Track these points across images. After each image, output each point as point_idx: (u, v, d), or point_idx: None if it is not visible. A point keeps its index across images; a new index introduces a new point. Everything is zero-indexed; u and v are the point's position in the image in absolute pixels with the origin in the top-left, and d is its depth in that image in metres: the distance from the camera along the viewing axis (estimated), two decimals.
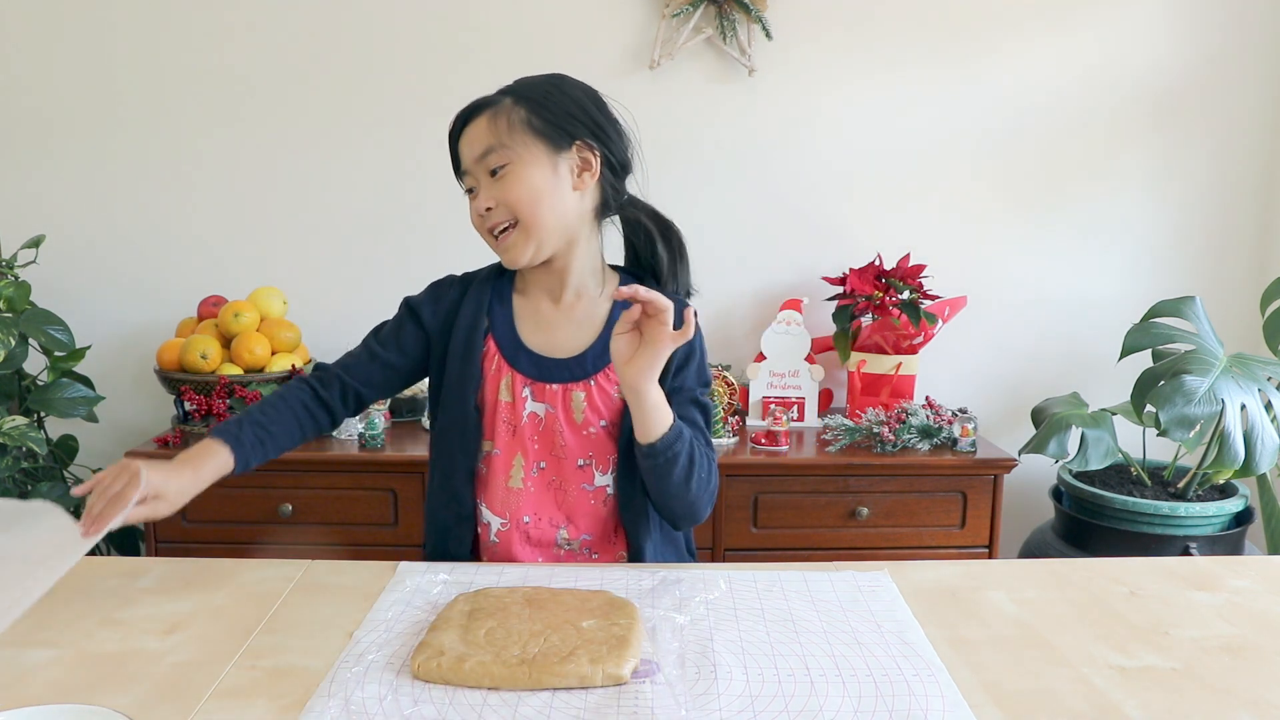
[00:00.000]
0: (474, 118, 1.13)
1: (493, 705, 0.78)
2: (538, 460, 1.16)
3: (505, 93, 1.14)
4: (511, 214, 1.12)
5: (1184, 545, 1.90)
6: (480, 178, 1.13)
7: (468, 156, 1.14)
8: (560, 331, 1.18)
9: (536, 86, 1.14)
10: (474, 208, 1.15)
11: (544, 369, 1.16)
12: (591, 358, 1.16)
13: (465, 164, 1.15)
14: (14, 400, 1.96)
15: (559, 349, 1.17)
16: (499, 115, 1.12)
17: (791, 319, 2.18)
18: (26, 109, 2.18)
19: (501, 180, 1.12)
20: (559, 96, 1.13)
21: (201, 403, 1.99)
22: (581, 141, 1.13)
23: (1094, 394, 2.22)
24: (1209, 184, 2.33)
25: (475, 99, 1.15)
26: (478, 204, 1.14)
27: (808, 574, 1.06)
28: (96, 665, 0.85)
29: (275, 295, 2.15)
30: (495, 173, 1.12)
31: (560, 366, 1.15)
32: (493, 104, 1.13)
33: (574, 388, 1.15)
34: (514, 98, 1.13)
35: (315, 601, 0.99)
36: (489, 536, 1.18)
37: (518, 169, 1.11)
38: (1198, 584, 1.06)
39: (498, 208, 1.12)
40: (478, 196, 1.14)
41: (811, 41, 2.23)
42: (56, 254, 2.12)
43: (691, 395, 1.18)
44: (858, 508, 1.96)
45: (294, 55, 2.19)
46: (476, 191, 1.14)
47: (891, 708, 0.78)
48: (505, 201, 1.12)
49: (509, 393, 1.15)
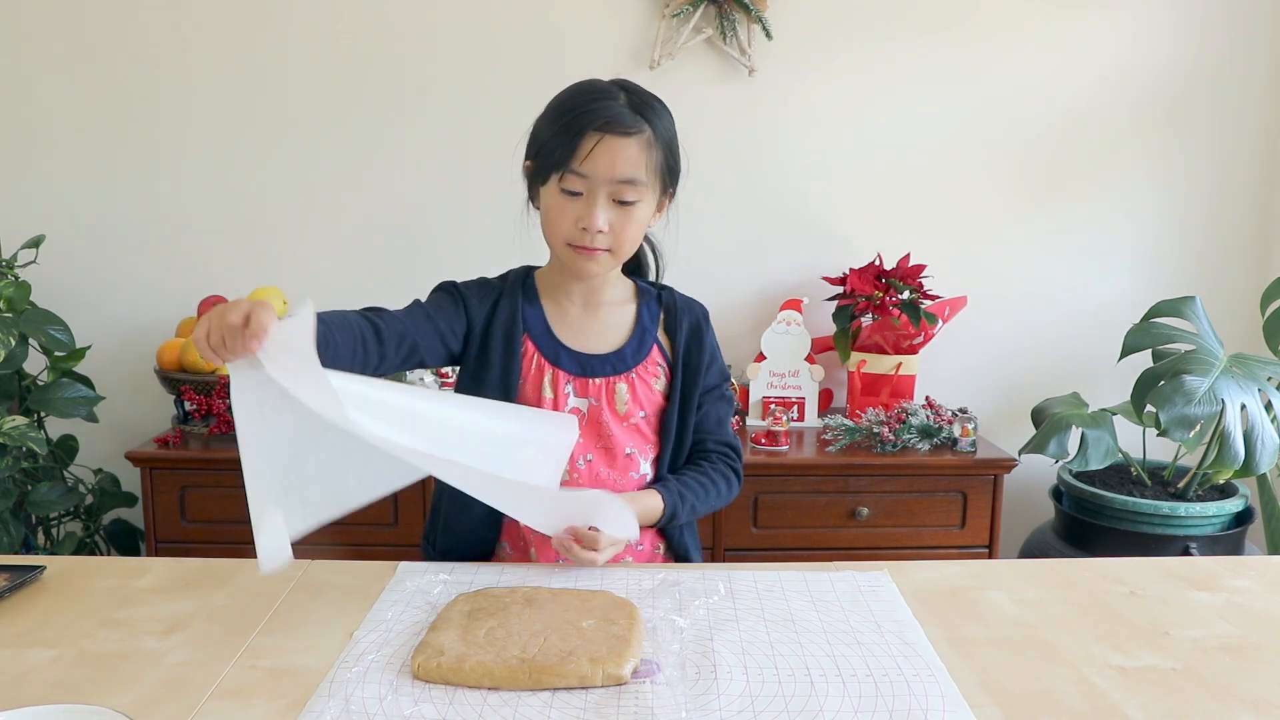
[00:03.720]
0: (628, 134, 1.09)
1: (493, 705, 0.78)
2: (584, 453, 1.19)
3: (645, 119, 1.11)
4: (616, 243, 1.13)
5: (1184, 545, 1.90)
6: (602, 195, 1.10)
7: (603, 170, 1.09)
8: (593, 332, 1.22)
9: (668, 126, 1.14)
10: (579, 216, 1.11)
11: (586, 365, 1.20)
12: (630, 352, 1.21)
13: (592, 173, 1.09)
14: (14, 400, 1.96)
15: (595, 347, 1.21)
16: (648, 150, 1.11)
17: (791, 319, 2.18)
18: (27, 109, 2.18)
19: (627, 213, 1.12)
20: (675, 143, 1.16)
21: (201, 403, 1.99)
22: (672, 188, 1.19)
23: (1094, 394, 2.22)
24: (1209, 184, 2.33)
25: (624, 106, 1.11)
26: (591, 219, 1.10)
27: (808, 574, 1.06)
28: (96, 665, 0.85)
29: (275, 295, 2.15)
30: (623, 202, 1.11)
31: (603, 362, 1.20)
32: (642, 131, 1.10)
33: (617, 380, 1.20)
34: (654, 133, 1.12)
35: (315, 601, 0.99)
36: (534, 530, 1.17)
37: (642, 208, 1.13)
38: (1198, 584, 1.06)
39: (609, 233, 1.12)
40: (592, 211, 1.10)
41: (811, 41, 2.23)
42: (56, 254, 2.12)
43: (720, 393, 1.28)
44: (858, 508, 1.96)
45: (295, 55, 2.19)
46: (589, 202, 1.11)
47: (891, 708, 0.78)
48: (622, 233, 1.12)
49: (551, 389, 1.18)
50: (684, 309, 1.26)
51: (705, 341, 1.26)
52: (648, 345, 1.22)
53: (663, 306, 1.26)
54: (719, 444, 1.27)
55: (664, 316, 1.25)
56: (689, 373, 1.23)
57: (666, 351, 1.24)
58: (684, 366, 1.23)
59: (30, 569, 1.03)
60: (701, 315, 1.28)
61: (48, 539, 2.05)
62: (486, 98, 2.19)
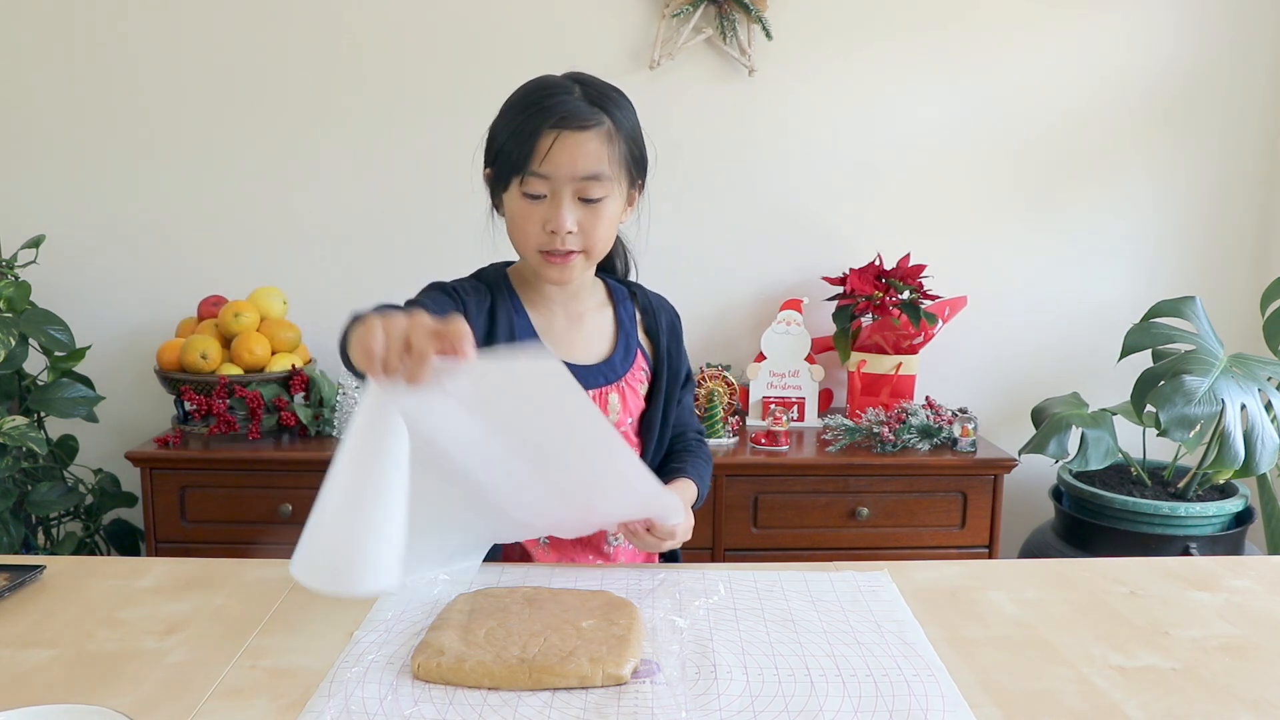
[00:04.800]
0: (585, 128, 1.03)
1: (493, 705, 0.78)
2: None
3: (603, 111, 1.05)
4: (588, 244, 1.08)
5: (1184, 545, 1.91)
6: (566, 195, 1.05)
7: (564, 168, 1.03)
8: (579, 343, 1.19)
9: (629, 116, 1.09)
10: (546, 219, 1.06)
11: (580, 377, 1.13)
12: (618, 361, 1.19)
13: (553, 172, 1.04)
14: (14, 400, 1.96)
15: (584, 358, 1.17)
16: (609, 142, 1.05)
17: (791, 319, 2.18)
18: (27, 109, 2.18)
19: (595, 210, 1.06)
20: (639, 132, 1.11)
21: (201, 403, 1.99)
22: (641, 180, 1.14)
23: (1094, 394, 2.22)
24: (1209, 184, 2.33)
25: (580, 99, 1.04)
26: (559, 221, 1.05)
27: (808, 574, 1.06)
28: (96, 665, 0.84)
29: (275, 295, 2.15)
30: (590, 200, 1.06)
31: (595, 374, 1.17)
32: (601, 123, 1.05)
33: (609, 390, 1.17)
34: (614, 124, 1.06)
35: (315, 601, 0.99)
36: (539, 540, 1.18)
37: (609, 203, 1.07)
38: (1198, 584, 1.06)
39: (578, 234, 1.07)
40: (559, 212, 1.05)
41: (811, 41, 2.23)
42: (56, 254, 2.12)
43: (691, 385, 1.29)
44: (858, 508, 1.96)
45: (294, 55, 2.19)
46: (554, 203, 1.05)
47: (891, 708, 0.78)
48: (593, 232, 1.07)
49: None
50: (660, 308, 1.25)
51: (681, 340, 1.25)
52: (633, 351, 1.21)
53: (639, 307, 1.24)
54: (696, 432, 1.29)
55: (642, 318, 1.24)
56: (671, 374, 1.23)
57: (648, 354, 1.22)
58: (667, 369, 1.22)
59: (30, 569, 1.03)
60: (674, 313, 1.27)
61: (48, 539, 2.05)
62: (486, 97, 2.15)
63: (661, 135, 1.03)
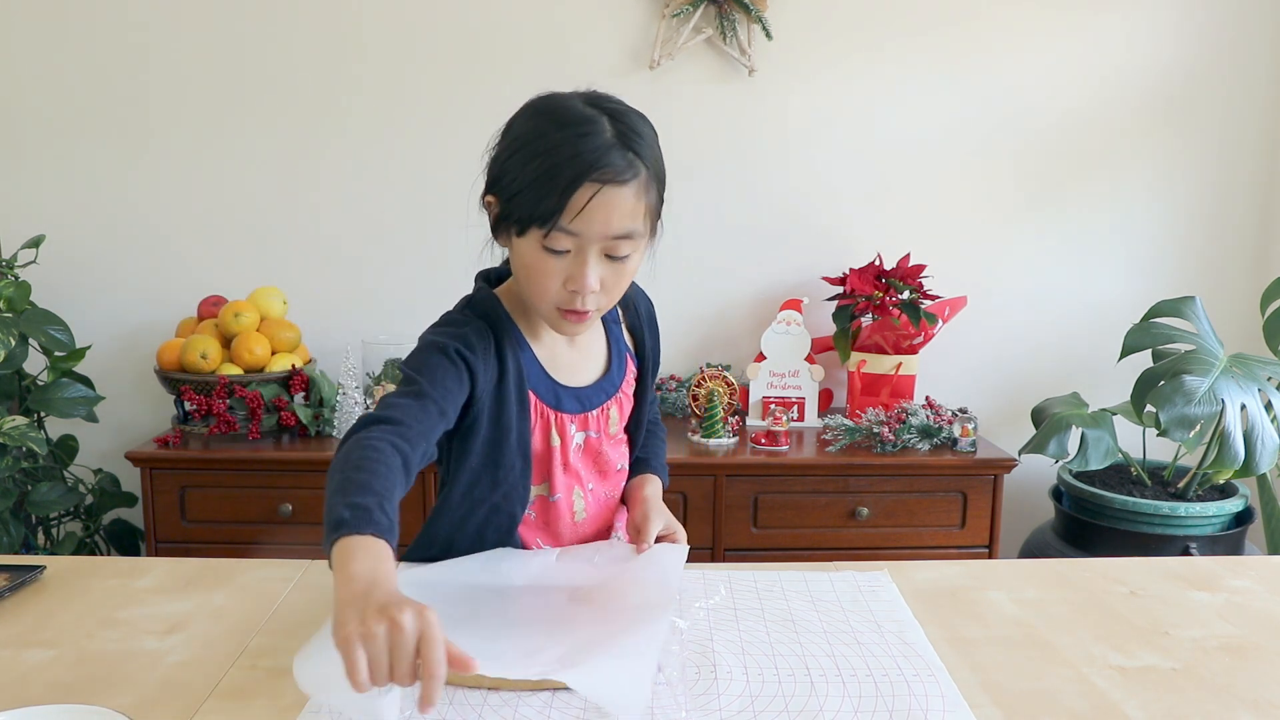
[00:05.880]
0: (624, 183, 0.92)
1: (493, 705, 0.78)
2: (588, 483, 1.15)
3: (638, 156, 0.94)
4: (608, 300, 1.00)
5: (1184, 545, 1.90)
6: (593, 253, 0.94)
7: (598, 227, 0.92)
8: (581, 364, 1.15)
9: (656, 153, 0.98)
10: (568, 277, 0.96)
11: (585, 400, 1.12)
12: (616, 373, 1.17)
13: (584, 230, 0.92)
14: (14, 400, 1.96)
15: (587, 378, 1.14)
16: (642, 194, 0.94)
17: (791, 319, 2.18)
18: (27, 109, 2.18)
19: (619, 267, 0.97)
20: (663, 166, 1.00)
21: (201, 403, 1.99)
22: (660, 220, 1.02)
23: (1094, 394, 2.22)
24: (1209, 184, 2.33)
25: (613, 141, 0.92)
26: (583, 282, 0.95)
27: (808, 574, 1.06)
28: (96, 665, 0.85)
29: (275, 295, 2.15)
30: (616, 258, 0.96)
31: (598, 391, 1.14)
32: (638, 175, 0.93)
33: (609, 405, 1.15)
34: (648, 172, 0.95)
35: (315, 601, 0.99)
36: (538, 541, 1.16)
37: (635, 259, 0.98)
38: (1198, 584, 1.06)
39: (600, 291, 0.97)
40: (583, 271, 0.94)
41: (811, 41, 2.23)
42: (56, 254, 2.12)
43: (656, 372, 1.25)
44: (858, 508, 1.96)
45: (294, 56, 2.19)
46: (579, 261, 0.95)
47: (891, 708, 0.78)
48: (614, 288, 0.99)
49: (559, 436, 1.10)
50: (637, 298, 1.20)
51: (656, 325, 1.21)
52: (623, 357, 1.18)
53: (620, 304, 1.16)
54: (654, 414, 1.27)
55: (624, 314, 1.20)
56: (653, 365, 1.20)
57: (633, 352, 1.20)
58: (649, 359, 1.19)
59: (30, 569, 1.03)
60: (648, 299, 1.23)
61: (48, 539, 2.05)
62: (486, 97, 2.19)
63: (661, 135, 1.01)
